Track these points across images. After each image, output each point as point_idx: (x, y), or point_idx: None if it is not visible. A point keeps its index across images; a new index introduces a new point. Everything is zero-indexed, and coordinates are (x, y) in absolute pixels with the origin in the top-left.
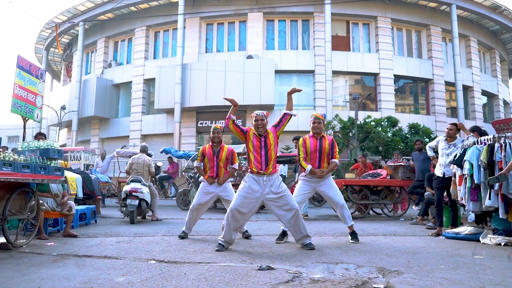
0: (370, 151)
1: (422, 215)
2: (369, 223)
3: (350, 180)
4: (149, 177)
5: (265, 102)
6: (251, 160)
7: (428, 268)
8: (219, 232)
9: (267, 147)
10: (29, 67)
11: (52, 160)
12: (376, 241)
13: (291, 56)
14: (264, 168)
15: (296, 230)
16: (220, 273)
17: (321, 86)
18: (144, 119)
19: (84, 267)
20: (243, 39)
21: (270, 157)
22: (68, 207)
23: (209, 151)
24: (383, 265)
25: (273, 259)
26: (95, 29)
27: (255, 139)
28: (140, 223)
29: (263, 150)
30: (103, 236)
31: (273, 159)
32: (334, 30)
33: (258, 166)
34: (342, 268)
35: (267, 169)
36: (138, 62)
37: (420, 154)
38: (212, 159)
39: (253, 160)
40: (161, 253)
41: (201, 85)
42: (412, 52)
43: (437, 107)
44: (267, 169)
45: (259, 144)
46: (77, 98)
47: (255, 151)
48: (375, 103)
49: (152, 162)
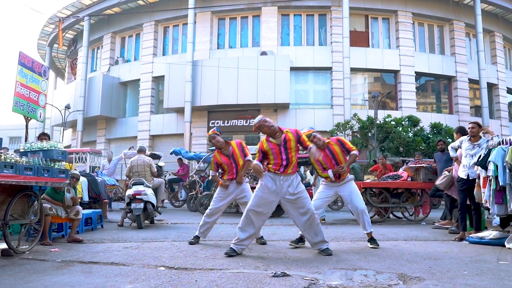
0: (390, 152)
1: (445, 218)
2: (389, 227)
3: (369, 183)
4: (152, 178)
5: (280, 101)
6: (270, 162)
7: (451, 274)
8: (232, 237)
9: (287, 147)
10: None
11: (56, 162)
12: (397, 246)
13: (307, 52)
14: (283, 170)
15: (311, 234)
16: (232, 280)
17: (339, 84)
18: (153, 119)
19: (90, 274)
20: (256, 35)
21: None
22: (75, 211)
23: (223, 158)
24: (403, 271)
25: (288, 265)
26: (101, 24)
27: (271, 143)
28: (149, 228)
29: (283, 153)
30: (110, 241)
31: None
32: (353, 25)
33: (276, 166)
34: (361, 275)
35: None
36: (146, 58)
37: (442, 155)
38: (231, 165)
39: (272, 161)
40: (170, 260)
41: (213, 83)
42: (434, 48)
43: (460, 106)
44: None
45: (277, 147)
46: (82, 96)
47: (274, 154)
48: (395, 101)
49: (152, 162)
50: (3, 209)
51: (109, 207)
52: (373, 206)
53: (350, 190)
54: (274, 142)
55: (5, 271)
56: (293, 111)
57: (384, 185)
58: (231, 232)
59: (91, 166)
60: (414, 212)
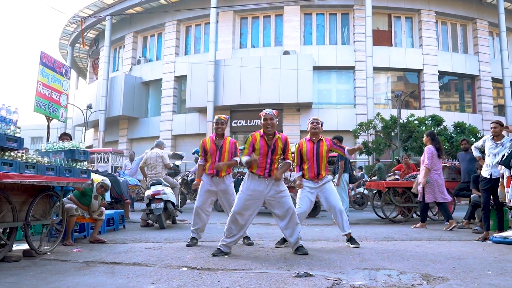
0: (413, 152)
1: (469, 218)
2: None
3: (393, 182)
4: (165, 170)
5: (302, 100)
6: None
7: (475, 274)
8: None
9: (275, 151)
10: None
11: (77, 162)
12: (420, 246)
13: (330, 52)
14: (267, 175)
15: (290, 233)
16: (255, 280)
17: (362, 83)
18: (175, 119)
19: (112, 274)
20: (279, 34)
21: (274, 162)
22: (99, 211)
23: (211, 146)
24: (427, 271)
25: (311, 265)
26: (123, 24)
27: (262, 141)
28: (171, 228)
29: (269, 156)
30: (132, 242)
31: (277, 165)
32: (375, 24)
33: (260, 171)
34: (384, 275)
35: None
36: (168, 58)
37: (466, 155)
38: (215, 154)
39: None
40: (193, 260)
41: (235, 82)
42: (457, 47)
43: (484, 105)
44: (271, 174)
45: (266, 148)
46: (104, 96)
47: (261, 154)
48: (418, 101)
49: (165, 153)
50: (24, 210)
51: (131, 207)
52: (397, 205)
53: (328, 189)
54: (266, 142)
55: (27, 272)
56: (316, 111)
57: (408, 185)
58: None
59: (113, 166)
60: (438, 211)
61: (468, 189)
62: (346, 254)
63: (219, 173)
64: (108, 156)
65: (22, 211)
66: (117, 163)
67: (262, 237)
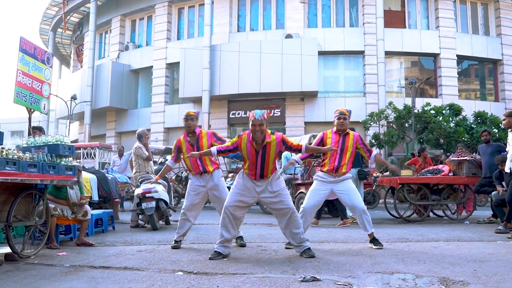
0: (429, 144)
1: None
2: (429, 227)
3: (407, 178)
4: (147, 163)
5: (307, 89)
6: (245, 164)
7: (498, 278)
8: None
9: (265, 157)
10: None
11: (62, 158)
12: (438, 248)
13: (337, 35)
14: (259, 178)
15: (290, 234)
16: (257, 285)
17: (372, 69)
18: (168, 110)
19: (102, 280)
20: (281, 16)
21: (267, 167)
22: (83, 211)
23: (187, 146)
24: (445, 274)
25: (318, 269)
26: (109, 6)
27: (250, 145)
28: (164, 229)
29: (259, 161)
30: (123, 244)
31: (270, 169)
32: (387, 4)
33: (251, 174)
34: (399, 279)
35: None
36: (159, 43)
37: (487, 147)
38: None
39: (247, 166)
40: (189, 263)
41: (233, 69)
42: (478, 28)
43: (507, 93)
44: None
45: (255, 153)
46: (90, 86)
47: (250, 159)
48: (435, 88)
49: (140, 145)
50: (5, 210)
51: (121, 207)
52: (411, 203)
53: (348, 188)
54: (254, 147)
55: (9, 277)
56: (322, 100)
57: (423, 181)
58: (255, 234)
59: (100, 162)
60: (457, 210)
61: (490, 185)
62: (356, 256)
63: (206, 169)
64: (95, 151)
65: (2, 211)
66: (104, 158)
67: (264, 239)
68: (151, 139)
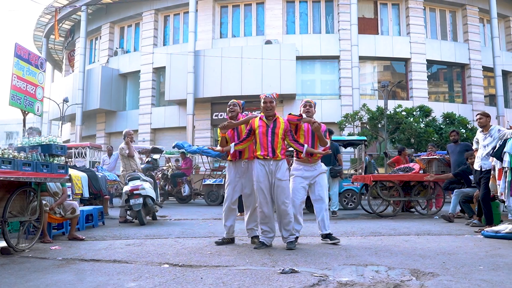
0: (401, 144)
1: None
2: (400, 221)
3: (380, 176)
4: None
5: (285, 92)
6: (256, 148)
7: (466, 269)
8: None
9: (275, 131)
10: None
11: (55, 157)
12: (409, 241)
13: (314, 41)
14: (271, 155)
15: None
16: (239, 277)
17: (347, 73)
18: (154, 112)
19: (92, 272)
20: (261, 23)
21: (277, 142)
22: (70, 209)
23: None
24: (416, 266)
25: (296, 261)
26: (99, 14)
27: (261, 122)
28: (151, 224)
29: (269, 135)
30: (112, 238)
31: (280, 147)
32: (361, 11)
33: (264, 152)
34: (372, 271)
35: (276, 156)
36: (146, 49)
37: (456, 146)
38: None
39: (258, 147)
40: (175, 256)
41: (216, 73)
42: (446, 35)
43: (474, 95)
44: (275, 156)
45: (265, 127)
46: (81, 89)
47: (261, 135)
48: (406, 91)
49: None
50: (1, 206)
51: (110, 203)
52: (384, 199)
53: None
54: (265, 122)
55: (5, 270)
56: (300, 102)
57: (395, 178)
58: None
59: (91, 161)
60: (427, 205)
61: (458, 183)
62: (332, 249)
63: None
64: (86, 151)
65: None
66: (95, 158)
67: (245, 233)
68: (139, 139)
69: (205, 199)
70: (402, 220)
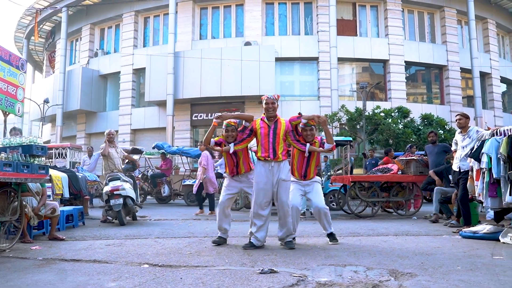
0: (379, 145)
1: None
2: (379, 222)
3: (358, 176)
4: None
5: (264, 93)
6: (258, 148)
7: (444, 269)
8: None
9: (276, 132)
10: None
11: (35, 158)
12: (387, 242)
13: (293, 42)
14: (272, 156)
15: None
16: (218, 277)
17: (326, 75)
18: (134, 113)
19: (72, 272)
20: (240, 25)
21: (278, 144)
22: (50, 208)
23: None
24: (395, 267)
25: (275, 261)
26: (79, 15)
27: (263, 122)
28: (131, 225)
29: (271, 136)
30: (92, 239)
31: (281, 148)
32: (340, 13)
33: (265, 154)
34: (351, 271)
35: (276, 158)
36: (126, 50)
37: (434, 147)
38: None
39: (259, 148)
40: (154, 257)
41: (195, 74)
42: (424, 36)
43: (452, 96)
44: (276, 157)
45: (267, 128)
46: (61, 90)
47: (262, 135)
48: (384, 92)
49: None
50: None
51: (90, 203)
52: (363, 200)
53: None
54: (267, 123)
55: None
56: (279, 103)
57: (374, 179)
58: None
59: (71, 161)
60: (405, 206)
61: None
62: (311, 250)
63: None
64: (66, 152)
65: None
66: (75, 158)
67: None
68: (119, 140)
69: (185, 200)
70: (380, 221)
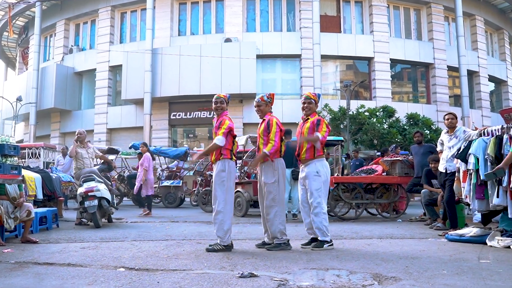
0: (363, 145)
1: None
2: (363, 224)
3: (342, 178)
4: (80, 163)
5: (245, 91)
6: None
7: (429, 273)
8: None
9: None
10: None
11: (7, 158)
12: (371, 245)
13: (275, 39)
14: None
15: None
16: (197, 281)
17: (309, 72)
18: (110, 111)
19: (46, 276)
20: (220, 20)
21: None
22: (26, 211)
23: None
24: (378, 271)
25: (256, 265)
26: (54, 10)
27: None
28: (107, 227)
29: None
30: (66, 241)
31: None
32: (323, 9)
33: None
34: (333, 275)
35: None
36: (102, 47)
37: (420, 148)
38: None
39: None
40: (131, 260)
41: (174, 72)
42: (410, 33)
43: (439, 95)
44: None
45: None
46: (35, 88)
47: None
48: (369, 91)
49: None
50: None
51: (64, 205)
52: (346, 202)
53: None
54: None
55: None
56: None
57: (358, 180)
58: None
59: (45, 161)
60: (390, 208)
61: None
62: (292, 253)
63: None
64: (40, 151)
65: None
66: (49, 158)
67: (203, 236)
68: (94, 140)
69: (162, 201)
70: (364, 223)
